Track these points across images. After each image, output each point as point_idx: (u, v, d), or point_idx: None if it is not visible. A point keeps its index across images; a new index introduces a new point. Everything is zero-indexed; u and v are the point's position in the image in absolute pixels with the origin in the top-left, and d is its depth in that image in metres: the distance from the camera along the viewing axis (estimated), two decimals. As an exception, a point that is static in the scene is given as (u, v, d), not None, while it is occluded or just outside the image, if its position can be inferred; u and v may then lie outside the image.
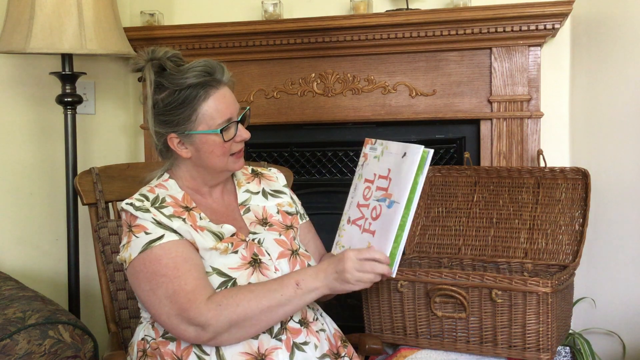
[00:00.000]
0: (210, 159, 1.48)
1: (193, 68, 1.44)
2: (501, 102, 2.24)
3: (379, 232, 1.42)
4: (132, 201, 1.46)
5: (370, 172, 1.51)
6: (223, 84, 1.47)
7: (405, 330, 1.79)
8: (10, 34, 2.02)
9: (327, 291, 1.39)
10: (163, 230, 1.41)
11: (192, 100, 1.44)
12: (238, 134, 1.48)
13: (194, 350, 1.39)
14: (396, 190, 1.40)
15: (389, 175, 1.44)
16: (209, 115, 1.45)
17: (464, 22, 2.17)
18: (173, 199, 1.49)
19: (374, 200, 1.46)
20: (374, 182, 1.48)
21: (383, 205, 1.42)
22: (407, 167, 1.38)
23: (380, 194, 1.44)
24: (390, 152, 1.45)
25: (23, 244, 2.36)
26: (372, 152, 1.53)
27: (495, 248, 2.03)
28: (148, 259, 1.40)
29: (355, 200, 1.53)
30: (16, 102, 2.34)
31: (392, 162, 1.44)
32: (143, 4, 2.52)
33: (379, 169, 1.48)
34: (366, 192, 1.50)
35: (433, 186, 2.18)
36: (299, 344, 1.43)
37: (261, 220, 1.58)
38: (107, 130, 2.56)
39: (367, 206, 1.48)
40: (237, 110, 1.50)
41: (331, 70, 2.38)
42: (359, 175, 1.57)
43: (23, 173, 2.36)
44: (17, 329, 1.58)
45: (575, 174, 2.01)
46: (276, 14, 2.35)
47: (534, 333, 1.65)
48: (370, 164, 1.52)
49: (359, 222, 1.49)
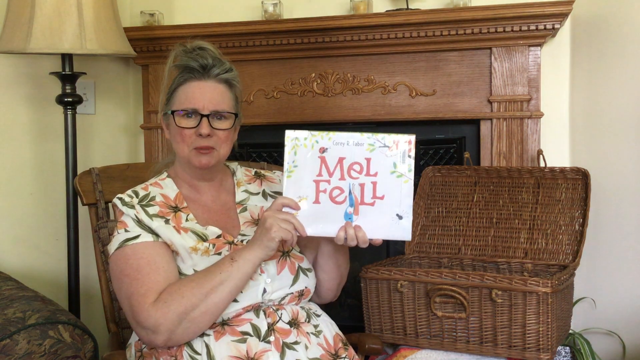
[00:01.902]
0: (174, 144, 1.53)
1: (193, 57, 1.51)
2: (501, 102, 2.24)
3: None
4: (122, 196, 1.51)
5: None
6: (211, 78, 1.51)
7: (405, 330, 1.79)
8: (10, 34, 2.02)
9: (262, 255, 1.39)
10: (141, 230, 1.45)
11: (173, 82, 1.53)
12: (200, 125, 1.47)
13: (185, 350, 1.40)
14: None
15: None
16: (179, 99, 1.51)
17: (464, 22, 2.17)
18: (164, 198, 1.52)
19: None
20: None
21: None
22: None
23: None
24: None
25: (23, 244, 2.35)
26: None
27: (495, 248, 2.03)
28: (119, 257, 1.44)
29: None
30: (16, 102, 2.34)
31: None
32: (143, 4, 2.52)
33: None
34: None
35: (433, 186, 2.18)
36: (289, 343, 1.42)
37: (256, 220, 1.58)
38: (107, 130, 2.56)
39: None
40: (211, 107, 1.49)
41: (331, 70, 2.38)
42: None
43: (23, 173, 2.35)
44: (17, 329, 1.58)
45: (575, 174, 2.01)
46: (276, 14, 2.35)
47: (534, 333, 1.65)
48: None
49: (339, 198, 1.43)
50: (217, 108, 1.49)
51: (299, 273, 1.52)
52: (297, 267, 1.52)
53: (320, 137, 1.42)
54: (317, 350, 1.46)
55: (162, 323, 1.35)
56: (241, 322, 1.42)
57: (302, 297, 1.53)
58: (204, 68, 1.50)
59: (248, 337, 1.40)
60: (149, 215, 1.47)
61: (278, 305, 1.48)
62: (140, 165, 2.07)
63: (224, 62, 1.54)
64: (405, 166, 1.40)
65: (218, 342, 1.39)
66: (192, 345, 1.40)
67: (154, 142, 2.50)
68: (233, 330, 1.41)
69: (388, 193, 1.40)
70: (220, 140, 1.51)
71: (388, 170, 1.40)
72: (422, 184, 2.18)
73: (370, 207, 1.41)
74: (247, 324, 1.42)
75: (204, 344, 1.39)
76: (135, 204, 1.48)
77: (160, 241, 1.45)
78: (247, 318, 1.43)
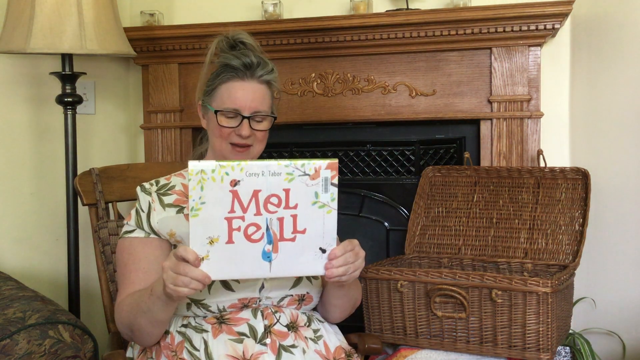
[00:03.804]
0: (212, 137, 1.56)
1: (237, 55, 1.53)
2: (501, 102, 2.24)
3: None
4: (144, 183, 1.58)
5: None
6: (254, 79, 1.53)
7: (405, 330, 1.79)
8: (10, 34, 2.02)
9: (167, 300, 1.31)
10: (136, 226, 1.52)
11: (217, 77, 1.54)
12: (241, 126, 1.50)
13: (185, 346, 1.40)
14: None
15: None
16: (221, 96, 1.53)
17: (464, 22, 2.17)
18: (183, 188, 1.56)
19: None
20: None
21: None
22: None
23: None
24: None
25: (23, 244, 2.35)
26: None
27: (495, 248, 2.03)
28: (118, 247, 1.55)
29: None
30: (16, 102, 2.34)
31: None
32: (143, 4, 2.52)
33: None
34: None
35: (433, 186, 2.18)
36: (286, 346, 1.41)
37: None
38: (107, 130, 2.56)
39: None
40: (253, 109, 1.51)
41: (331, 70, 2.38)
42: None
43: (23, 173, 2.35)
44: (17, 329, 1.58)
45: (575, 174, 2.01)
46: (276, 14, 2.35)
47: (534, 333, 1.65)
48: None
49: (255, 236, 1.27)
50: (258, 109, 1.52)
51: (302, 277, 1.50)
52: None
53: (230, 168, 1.22)
54: (314, 357, 1.44)
55: (118, 325, 1.48)
56: (238, 321, 1.42)
57: (303, 303, 1.51)
58: (248, 68, 1.52)
59: (245, 338, 1.40)
60: (162, 205, 1.52)
61: (276, 307, 1.47)
62: (140, 166, 2.07)
63: (267, 63, 1.55)
64: (327, 195, 1.26)
65: (216, 340, 1.39)
66: (192, 340, 1.41)
67: (154, 142, 2.50)
68: (230, 329, 1.41)
69: (310, 226, 1.27)
70: (258, 139, 1.55)
71: (309, 201, 1.26)
72: (422, 184, 2.18)
73: (291, 242, 1.27)
74: (245, 324, 1.42)
75: (202, 340, 1.40)
76: (153, 192, 1.54)
77: (152, 237, 1.50)
78: (244, 318, 1.43)
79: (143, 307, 1.37)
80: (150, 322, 1.38)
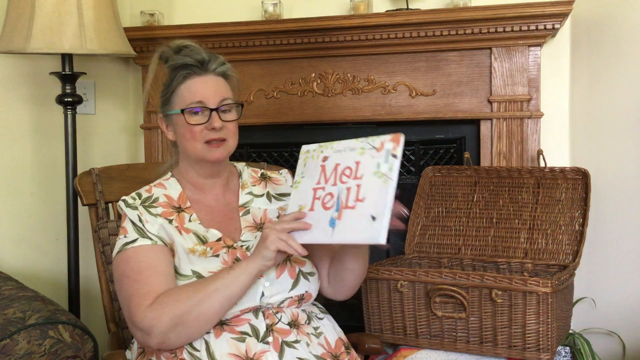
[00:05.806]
0: (184, 143, 1.51)
1: (187, 54, 1.52)
2: (501, 102, 2.24)
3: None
4: (126, 198, 1.52)
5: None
6: (209, 72, 1.51)
7: (405, 330, 1.79)
8: (10, 34, 2.02)
9: (258, 265, 1.37)
10: (138, 234, 1.46)
11: (173, 81, 1.52)
12: (211, 119, 1.48)
13: (185, 347, 1.40)
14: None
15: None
16: (182, 96, 1.51)
17: (464, 22, 2.17)
18: (167, 199, 1.53)
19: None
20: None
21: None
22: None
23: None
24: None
25: (23, 244, 2.36)
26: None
27: (495, 248, 2.03)
28: (121, 260, 1.45)
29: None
30: (16, 102, 2.34)
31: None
32: (143, 4, 2.52)
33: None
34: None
35: (433, 186, 2.18)
36: (289, 342, 1.42)
37: (258, 224, 1.58)
38: (107, 130, 2.56)
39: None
40: (217, 99, 1.49)
41: (331, 70, 2.38)
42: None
43: (23, 173, 2.36)
44: (17, 329, 1.58)
45: (575, 174, 2.01)
46: (276, 14, 2.35)
47: (534, 333, 1.65)
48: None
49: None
50: (223, 97, 1.50)
51: (299, 277, 1.50)
52: (297, 271, 1.51)
53: (325, 147, 1.42)
54: (319, 349, 1.46)
55: (155, 325, 1.35)
56: (240, 322, 1.42)
57: (302, 301, 1.51)
58: (202, 63, 1.51)
59: (247, 337, 1.40)
60: (152, 215, 1.48)
61: (277, 308, 1.47)
62: (140, 166, 2.07)
63: (217, 56, 1.54)
64: (387, 166, 1.30)
65: (218, 339, 1.39)
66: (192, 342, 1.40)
67: (154, 142, 2.50)
68: (232, 329, 1.41)
69: (368, 195, 1.31)
70: (230, 132, 1.52)
71: (372, 172, 1.32)
72: (422, 184, 2.18)
73: (352, 210, 1.33)
74: (246, 324, 1.42)
75: (203, 340, 1.40)
76: (138, 205, 1.50)
77: (159, 244, 1.45)
78: (245, 318, 1.43)
79: (215, 286, 1.35)
80: (223, 299, 1.36)
